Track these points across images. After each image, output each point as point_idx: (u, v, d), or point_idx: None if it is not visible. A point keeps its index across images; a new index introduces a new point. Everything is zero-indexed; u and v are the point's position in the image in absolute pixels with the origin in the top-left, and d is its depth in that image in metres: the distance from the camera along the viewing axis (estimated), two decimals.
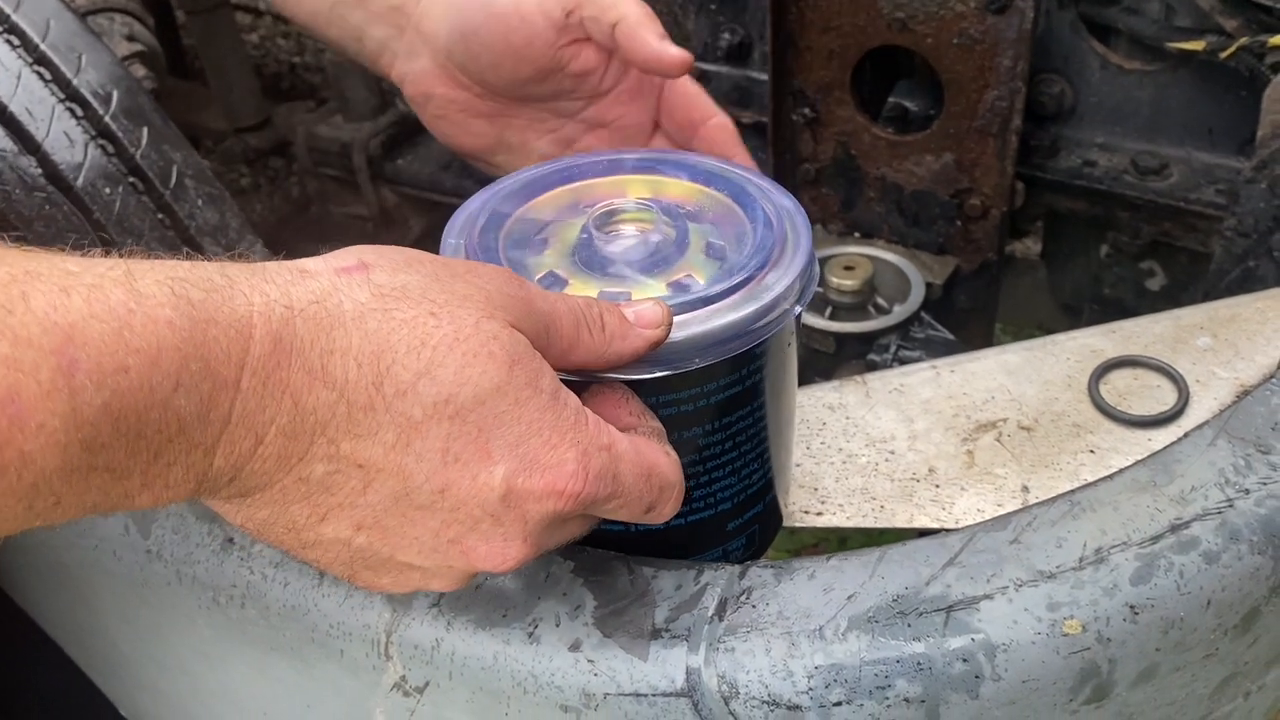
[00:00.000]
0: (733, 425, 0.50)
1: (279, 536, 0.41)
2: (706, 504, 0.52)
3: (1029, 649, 0.47)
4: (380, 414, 0.38)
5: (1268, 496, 0.51)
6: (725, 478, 0.52)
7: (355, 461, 0.39)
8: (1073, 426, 0.65)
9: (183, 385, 0.34)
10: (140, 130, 0.86)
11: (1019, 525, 0.51)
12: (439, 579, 0.44)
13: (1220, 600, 0.50)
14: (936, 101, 1.06)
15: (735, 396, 0.49)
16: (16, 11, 0.83)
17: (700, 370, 0.47)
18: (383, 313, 0.38)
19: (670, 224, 0.52)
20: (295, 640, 0.54)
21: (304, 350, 0.37)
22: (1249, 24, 0.94)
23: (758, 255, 0.49)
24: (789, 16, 1.06)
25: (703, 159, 0.57)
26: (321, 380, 0.37)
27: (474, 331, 0.39)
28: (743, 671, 0.47)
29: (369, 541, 0.41)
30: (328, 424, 0.38)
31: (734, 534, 0.55)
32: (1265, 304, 0.70)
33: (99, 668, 0.69)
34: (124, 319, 0.33)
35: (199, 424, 0.35)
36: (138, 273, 0.34)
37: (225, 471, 0.37)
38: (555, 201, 0.55)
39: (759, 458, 0.53)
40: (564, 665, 0.48)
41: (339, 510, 0.40)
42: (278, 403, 0.37)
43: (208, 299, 0.35)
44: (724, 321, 0.46)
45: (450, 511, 0.40)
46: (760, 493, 0.55)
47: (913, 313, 1.03)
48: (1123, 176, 1.05)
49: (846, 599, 0.48)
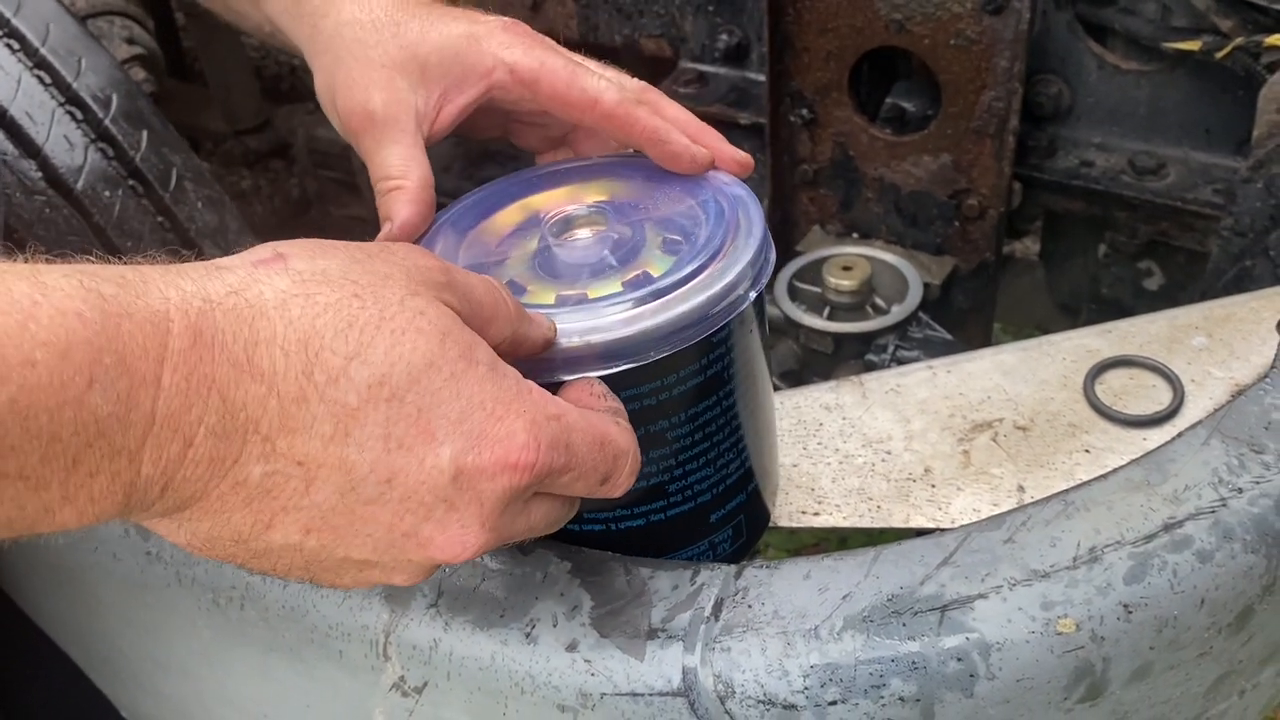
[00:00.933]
0: (701, 415, 0.51)
1: (227, 550, 0.39)
2: (685, 497, 0.53)
3: (1023, 648, 0.47)
4: (314, 405, 0.36)
5: (1261, 495, 0.52)
6: (701, 469, 0.52)
7: (293, 459, 0.37)
8: (1068, 426, 0.65)
9: (97, 382, 0.32)
10: (140, 133, 0.86)
11: (1013, 525, 0.51)
12: (399, 573, 0.41)
13: (1214, 599, 0.50)
14: (934, 102, 1.06)
15: (700, 386, 0.50)
16: (16, 15, 0.84)
17: (660, 361, 0.47)
18: (305, 298, 0.37)
19: (625, 224, 0.53)
20: (294, 641, 0.54)
21: (227, 343, 0.35)
22: (1244, 24, 0.94)
23: (709, 245, 0.49)
24: (786, 18, 1.06)
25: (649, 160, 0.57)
26: (249, 373, 0.35)
27: (400, 309, 0.38)
28: (738, 671, 0.47)
29: (320, 544, 0.39)
30: (259, 420, 0.36)
31: (718, 525, 0.55)
32: (1260, 303, 0.70)
33: (99, 669, 0.70)
34: (28, 311, 0.31)
35: (119, 426, 0.33)
36: (44, 269, 0.33)
37: (155, 480, 0.35)
38: (511, 216, 0.55)
39: (734, 447, 0.53)
40: (561, 665, 0.49)
41: (284, 514, 0.38)
42: (204, 400, 0.35)
43: (120, 294, 0.33)
44: (679, 311, 0.47)
45: (400, 502, 0.38)
46: (741, 483, 0.55)
47: (911, 313, 1.03)
48: (1120, 176, 1.06)
49: (842, 599, 0.49)
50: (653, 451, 0.50)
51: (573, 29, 1.30)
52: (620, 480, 0.44)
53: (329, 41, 0.58)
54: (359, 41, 0.57)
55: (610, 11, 1.27)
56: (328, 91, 0.59)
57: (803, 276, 1.10)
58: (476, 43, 0.57)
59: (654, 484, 0.51)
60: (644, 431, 0.49)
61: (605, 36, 1.29)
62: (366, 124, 0.56)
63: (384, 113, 0.56)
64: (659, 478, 0.51)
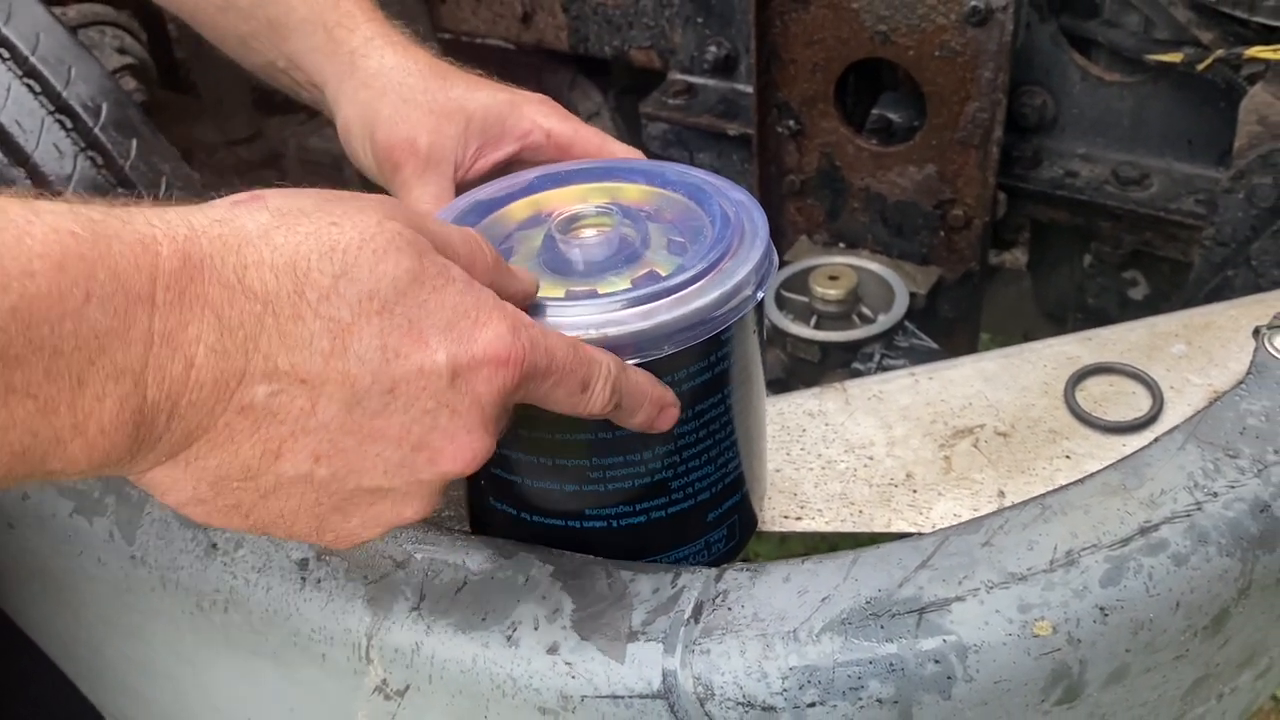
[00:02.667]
0: (706, 413, 0.51)
1: (235, 494, 0.39)
2: (686, 494, 0.53)
3: (1000, 650, 0.48)
4: (310, 322, 0.37)
5: (1236, 500, 0.52)
6: (702, 466, 0.53)
7: (297, 377, 0.37)
8: (1049, 432, 0.66)
9: (94, 296, 0.33)
10: (129, 142, 0.87)
11: (991, 528, 0.51)
12: (410, 501, 0.42)
13: (1189, 602, 0.50)
14: (919, 113, 1.07)
15: (706, 384, 0.51)
16: (6, 25, 0.84)
17: (670, 357, 0.48)
18: (286, 228, 0.38)
19: (631, 225, 0.53)
20: (278, 644, 0.54)
21: (216, 265, 0.36)
22: (1225, 36, 0.95)
23: (718, 246, 0.50)
24: (774, 30, 1.07)
25: (656, 164, 0.58)
26: (241, 293, 0.36)
27: (378, 230, 0.39)
28: (718, 673, 0.48)
29: (331, 472, 0.39)
30: (259, 338, 0.37)
31: (715, 524, 0.56)
32: (1238, 311, 0.71)
33: (84, 674, 0.70)
34: (23, 228, 0.32)
35: (120, 343, 0.33)
36: (34, 200, 0.34)
37: (162, 406, 0.35)
38: (515, 214, 0.56)
39: (733, 446, 0.54)
40: (542, 668, 0.49)
41: (292, 440, 0.38)
42: (200, 318, 0.35)
43: (107, 219, 0.34)
44: (690, 308, 0.48)
45: (405, 411, 0.39)
46: (737, 483, 0.56)
47: (897, 322, 1.04)
48: (1104, 187, 1.07)
49: (820, 601, 0.49)
50: (658, 447, 0.51)
51: (563, 40, 1.31)
52: (598, 387, 0.45)
53: (370, 79, 0.62)
54: (406, 86, 0.62)
55: (600, 23, 1.28)
56: (363, 123, 0.62)
57: (790, 286, 1.11)
58: (517, 108, 0.63)
59: (658, 480, 0.52)
60: None
61: (595, 48, 1.29)
62: (409, 157, 0.60)
63: (428, 151, 0.60)
64: (663, 474, 0.52)
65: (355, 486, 0.40)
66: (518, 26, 1.33)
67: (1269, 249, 0.92)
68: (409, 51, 0.64)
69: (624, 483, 0.52)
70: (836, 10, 1.03)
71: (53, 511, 0.59)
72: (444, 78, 0.63)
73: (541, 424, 0.49)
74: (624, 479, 0.51)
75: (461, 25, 1.38)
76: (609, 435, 0.50)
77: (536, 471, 0.52)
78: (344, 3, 0.65)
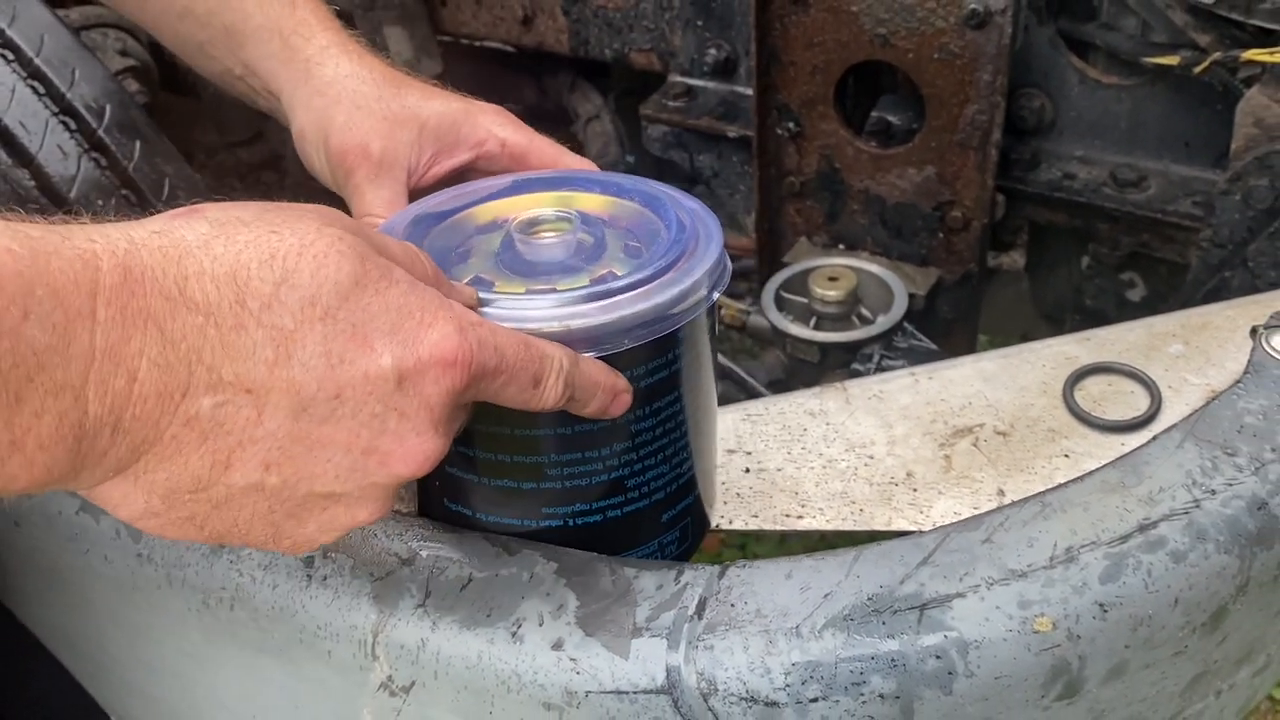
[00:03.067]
0: (662, 410, 0.52)
1: (187, 506, 0.39)
2: (641, 493, 0.54)
3: (1001, 646, 0.48)
4: (252, 331, 0.37)
5: (1233, 497, 0.53)
6: (657, 465, 0.54)
7: (241, 387, 0.37)
8: (1048, 431, 0.66)
9: (32, 314, 0.33)
10: (133, 144, 0.87)
11: (991, 525, 0.52)
12: (364, 504, 0.42)
13: (1188, 598, 0.51)
14: (918, 116, 1.08)
15: (663, 381, 0.52)
16: (11, 26, 0.85)
17: (629, 352, 0.49)
18: (225, 238, 0.38)
19: (588, 230, 0.54)
20: (284, 641, 0.55)
21: (157, 277, 0.36)
22: (1222, 39, 0.95)
23: (675, 248, 0.51)
24: (773, 33, 1.08)
25: (611, 175, 0.60)
26: (183, 305, 0.36)
27: (317, 236, 0.39)
28: (721, 669, 0.48)
29: (282, 479, 0.39)
30: (201, 350, 0.37)
31: (668, 525, 0.56)
32: (1235, 311, 0.71)
33: (89, 672, 0.70)
34: None
35: (59, 360, 0.33)
36: None
37: (105, 420, 0.35)
38: (472, 219, 0.57)
39: (687, 446, 0.55)
40: (547, 664, 0.49)
41: (240, 450, 0.38)
42: (142, 332, 0.35)
43: (46, 236, 0.34)
44: (649, 304, 0.48)
45: (353, 416, 0.39)
46: (690, 484, 0.57)
47: (896, 323, 1.05)
48: (1102, 189, 1.07)
49: (823, 597, 0.50)
50: (615, 445, 0.51)
51: (563, 43, 1.32)
52: (550, 382, 0.45)
53: (325, 87, 0.63)
54: (360, 93, 0.62)
55: (601, 25, 1.28)
56: (318, 129, 0.62)
57: (789, 287, 1.11)
58: (472, 116, 0.63)
59: (614, 478, 0.53)
60: (610, 422, 0.50)
61: (596, 50, 1.30)
62: (362, 162, 0.60)
63: (380, 157, 0.60)
64: (619, 471, 0.52)
65: (307, 492, 0.40)
66: (518, 29, 1.34)
67: (1266, 250, 0.92)
68: (364, 60, 0.64)
69: (582, 480, 0.52)
70: (836, 13, 1.04)
71: (59, 509, 0.60)
72: (398, 86, 0.63)
73: (499, 419, 0.50)
74: (582, 476, 0.52)
75: (462, 28, 1.38)
76: (568, 430, 0.50)
77: (493, 469, 0.52)
78: (300, 10, 0.65)
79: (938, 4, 0.99)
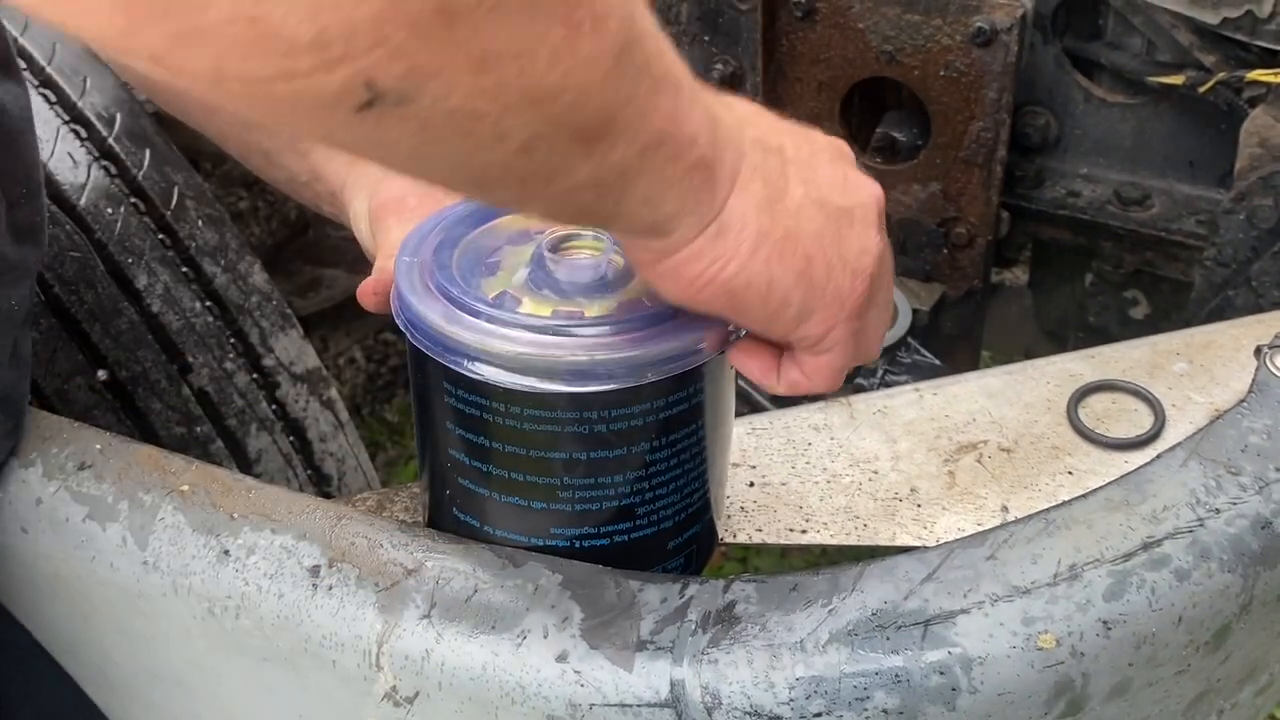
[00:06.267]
0: (678, 442, 0.52)
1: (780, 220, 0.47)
2: (650, 521, 0.54)
3: (1004, 662, 0.48)
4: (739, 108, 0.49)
5: (1237, 516, 0.53)
6: (669, 495, 0.54)
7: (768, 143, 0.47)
8: (1052, 449, 0.66)
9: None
10: (142, 152, 0.87)
11: (995, 542, 0.52)
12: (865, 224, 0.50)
13: (1191, 617, 0.51)
14: (924, 132, 1.08)
15: (682, 413, 0.51)
16: (23, 35, 0.85)
17: (653, 385, 0.49)
18: None
19: (619, 252, 0.53)
20: (288, 650, 0.55)
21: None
22: (1226, 59, 0.96)
23: None
24: (780, 48, 1.09)
25: None
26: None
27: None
28: (725, 683, 0.48)
29: (817, 192, 0.48)
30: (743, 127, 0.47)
31: (674, 553, 0.56)
32: (1240, 330, 0.71)
33: (93, 680, 0.70)
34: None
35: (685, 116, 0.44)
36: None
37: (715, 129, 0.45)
38: (505, 228, 0.56)
39: (700, 476, 0.55)
40: (551, 676, 0.50)
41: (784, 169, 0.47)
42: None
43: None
44: (676, 341, 0.49)
45: (830, 163, 0.49)
46: (699, 512, 0.57)
47: (900, 338, 1.05)
48: (1106, 207, 1.08)
49: (827, 612, 0.50)
50: (629, 472, 0.51)
51: None
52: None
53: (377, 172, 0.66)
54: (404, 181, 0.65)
55: None
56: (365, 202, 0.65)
57: None
58: None
59: (624, 504, 0.52)
60: (625, 451, 0.50)
61: None
62: (398, 208, 0.63)
63: (416, 206, 0.63)
64: (630, 499, 0.52)
65: (833, 203, 0.48)
66: None
67: (1269, 270, 0.93)
68: None
69: (592, 504, 0.52)
70: (842, 30, 1.04)
71: (65, 516, 0.60)
72: None
73: (519, 440, 0.50)
74: (592, 500, 0.52)
75: None
76: (583, 456, 0.50)
77: (506, 487, 0.52)
78: None
79: (944, 21, 1.00)
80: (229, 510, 0.58)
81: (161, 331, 0.88)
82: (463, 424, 0.51)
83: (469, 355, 0.48)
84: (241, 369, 0.92)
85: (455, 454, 0.53)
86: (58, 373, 0.82)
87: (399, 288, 0.51)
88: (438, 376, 0.51)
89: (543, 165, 0.39)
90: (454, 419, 0.51)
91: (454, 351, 0.49)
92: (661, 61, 0.41)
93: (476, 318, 0.48)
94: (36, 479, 0.61)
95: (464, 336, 0.48)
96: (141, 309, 0.86)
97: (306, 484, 0.96)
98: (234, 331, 0.92)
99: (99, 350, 0.84)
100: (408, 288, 0.51)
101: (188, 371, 0.89)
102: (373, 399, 1.86)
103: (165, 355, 0.88)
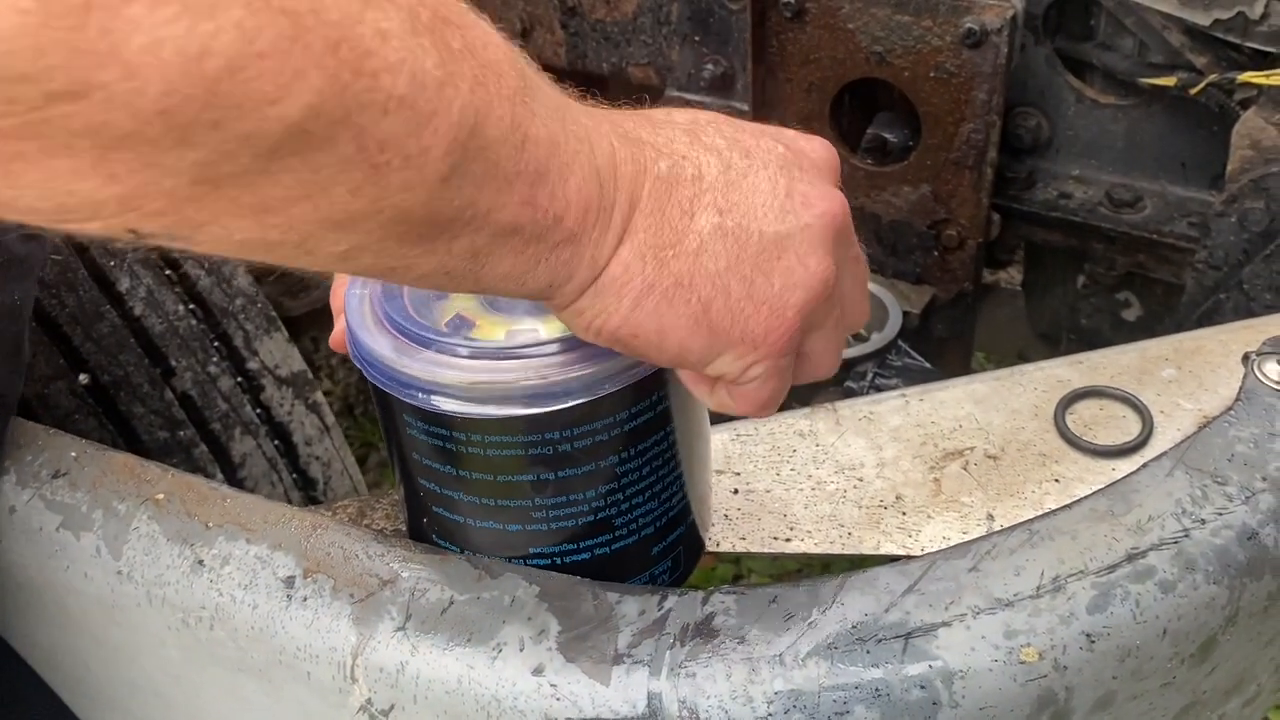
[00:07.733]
0: (648, 451, 0.51)
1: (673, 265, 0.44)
2: (630, 530, 0.53)
3: (986, 676, 0.48)
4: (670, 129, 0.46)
5: (1223, 527, 0.52)
6: (646, 503, 0.53)
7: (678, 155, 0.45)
8: (1039, 456, 0.66)
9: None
10: None
11: (978, 553, 0.51)
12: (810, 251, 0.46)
13: (1176, 629, 0.50)
14: (914, 133, 1.07)
15: (648, 422, 0.51)
16: None
17: (611, 398, 0.48)
18: None
19: None
20: (263, 662, 0.54)
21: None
22: (1218, 61, 0.95)
23: None
24: (770, 49, 1.08)
25: None
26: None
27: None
28: (703, 696, 0.48)
29: (735, 220, 0.45)
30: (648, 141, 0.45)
31: (659, 558, 0.56)
32: (1229, 336, 0.71)
33: (70, 689, 0.69)
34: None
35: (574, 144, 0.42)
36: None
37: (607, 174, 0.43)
38: None
39: (676, 481, 0.54)
40: (527, 689, 0.49)
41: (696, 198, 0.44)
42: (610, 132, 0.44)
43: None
44: None
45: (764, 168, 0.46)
46: (681, 516, 0.56)
47: (890, 341, 1.04)
48: (1097, 209, 1.07)
49: (807, 625, 0.49)
50: (601, 486, 0.51)
51: (561, 57, 1.32)
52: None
53: None
54: None
55: (598, 40, 1.28)
56: None
57: None
58: None
59: (600, 518, 0.52)
60: (594, 466, 0.50)
61: (594, 64, 1.30)
62: None
63: None
64: (606, 511, 0.52)
65: (759, 232, 0.45)
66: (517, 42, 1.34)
67: (1260, 273, 0.92)
68: None
69: (567, 522, 0.51)
70: (833, 30, 1.04)
71: (40, 525, 0.59)
72: None
73: (485, 467, 0.49)
74: (567, 518, 0.51)
75: None
76: (551, 476, 0.50)
77: (479, 512, 0.51)
78: None
79: (934, 22, 0.99)
80: (204, 519, 0.57)
81: (144, 335, 0.87)
82: (429, 454, 0.50)
83: (422, 389, 0.48)
84: (225, 372, 0.91)
85: (425, 483, 0.52)
86: (39, 377, 0.82)
87: (349, 323, 0.50)
88: (398, 410, 0.50)
89: (373, 266, 0.37)
90: (419, 450, 0.51)
91: (408, 385, 0.48)
92: (521, 155, 0.38)
93: (426, 349, 0.47)
94: (10, 487, 0.61)
95: (415, 370, 0.47)
96: (124, 312, 0.86)
97: (291, 488, 0.96)
98: (218, 334, 0.91)
99: (80, 354, 0.84)
100: (357, 323, 0.50)
101: (171, 375, 0.88)
102: (365, 399, 1.85)
103: (148, 359, 0.87)
